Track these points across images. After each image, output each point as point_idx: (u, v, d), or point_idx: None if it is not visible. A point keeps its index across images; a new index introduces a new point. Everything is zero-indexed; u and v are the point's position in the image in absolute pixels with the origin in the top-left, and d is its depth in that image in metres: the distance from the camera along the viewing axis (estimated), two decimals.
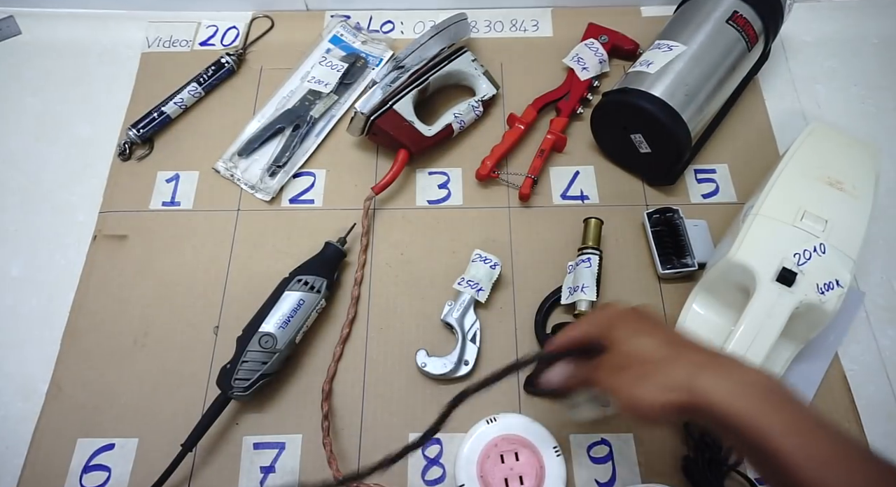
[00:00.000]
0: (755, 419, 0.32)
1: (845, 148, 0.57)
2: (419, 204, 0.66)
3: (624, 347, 0.38)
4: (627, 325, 0.39)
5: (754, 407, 0.32)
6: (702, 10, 0.64)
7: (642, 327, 0.39)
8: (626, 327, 0.39)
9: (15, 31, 0.78)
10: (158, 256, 0.63)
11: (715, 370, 0.34)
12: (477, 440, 0.52)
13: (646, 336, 0.38)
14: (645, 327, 0.39)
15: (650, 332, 0.38)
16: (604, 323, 0.40)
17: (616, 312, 0.41)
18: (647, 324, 0.39)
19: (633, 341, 0.38)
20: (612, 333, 0.39)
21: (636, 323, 0.39)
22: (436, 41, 0.68)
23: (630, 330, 0.39)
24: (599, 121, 0.66)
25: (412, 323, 0.60)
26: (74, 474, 0.54)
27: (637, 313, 0.41)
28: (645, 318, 0.40)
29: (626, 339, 0.38)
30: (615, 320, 0.40)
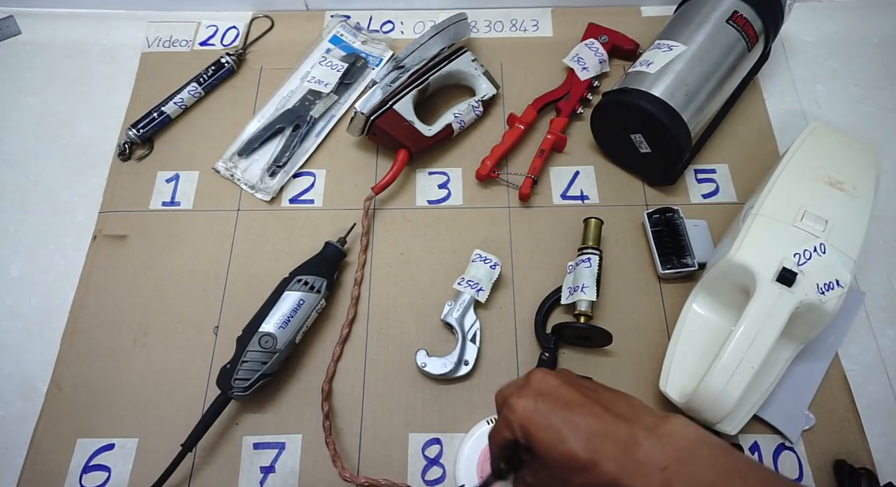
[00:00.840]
0: None
1: (845, 148, 0.57)
2: (419, 204, 0.66)
3: (554, 458, 0.36)
4: (537, 426, 0.37)
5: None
6: (702, 10, 0.64)
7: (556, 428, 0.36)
8: (542, 431, 0.37)
9: (15, 31, 0.78)
10: (158, 256, 0.63)
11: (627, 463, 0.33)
12: (477, 440, 0.52)
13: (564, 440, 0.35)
14: (558, 427, 0.36)
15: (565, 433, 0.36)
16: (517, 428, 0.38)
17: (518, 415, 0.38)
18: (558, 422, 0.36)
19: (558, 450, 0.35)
20: (528, 436, 0.37)
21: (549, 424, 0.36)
22: (436, 41, 0.68)
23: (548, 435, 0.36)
24: (599, 121, 0.66)
25: (412, 323, 0.60)
26: (74, 474, 0.54)
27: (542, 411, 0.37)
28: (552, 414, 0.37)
29: (552, 449, 0.36)
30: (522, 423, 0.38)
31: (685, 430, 0.34)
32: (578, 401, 0.37)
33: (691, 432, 0.34)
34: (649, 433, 0.34)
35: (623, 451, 0.34)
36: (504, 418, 0.39)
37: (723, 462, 0.33)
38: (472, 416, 0.54)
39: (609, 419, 0.36)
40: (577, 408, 0.37)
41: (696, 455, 0.33)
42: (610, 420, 0.36)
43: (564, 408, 0.37)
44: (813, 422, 0.54)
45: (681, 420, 0.35)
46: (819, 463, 0.53)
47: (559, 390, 0.38)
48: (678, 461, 0.33)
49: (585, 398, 0.37)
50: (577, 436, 0.35)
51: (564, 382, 0.39)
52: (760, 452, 0.54)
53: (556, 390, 0.38)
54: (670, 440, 0.34)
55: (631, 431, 0.35)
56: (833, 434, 0.54)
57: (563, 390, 0.38)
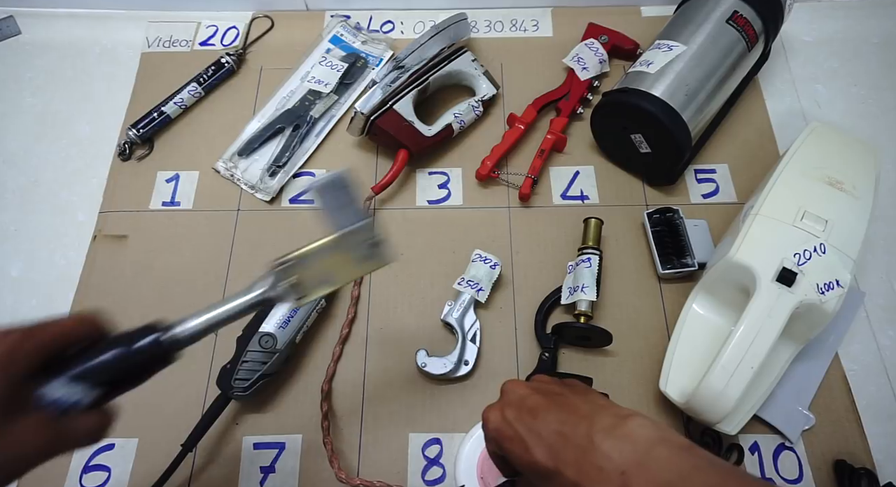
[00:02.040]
0: None
1: (845, 148, 0.57)
2: (419, 204, 0.66)
3: (525, 469, 0.36)
4: (511, 440, 0.37)
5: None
6: (702, 10, 0.64)
7: (521, 438, 0.36)
8: (511, 443, 0.37)
9: (15, 31, 0.78)
10: (158, 256, 0.63)
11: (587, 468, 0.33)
12: (477, 440, 0.52)
13: (529, 450, 0.36)
14: (522, 436, 0.36)
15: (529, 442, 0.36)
16: (492, 441, 0.39)
17: (490, 428, 0.39)
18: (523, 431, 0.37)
19: (525, 461, 0.36)
20: (501, 447, 0.38)
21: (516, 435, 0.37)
22: (436, 41, 0.68)
23: (516, 446, 0.37)
24: (599, 121, 0.66)
25: (412, 323, 0.60)
26: (74, 474, 0.54)
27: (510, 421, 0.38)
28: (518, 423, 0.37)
29: (521, 460, 0.36)
30: (494, 436, 0.38)
31: (642, 431, 0.33)
32: (543, 407, 0.37)
33: (649, 432, 0.33)
34: (607, 434, 0.34)
35: (582, 456, 0.33)
36: (485, 432, 0.40)
37: (681, 462, 0.32)
38: (472, 416, 0.54)
39: (570, 422, 0.35)
40: (541, 414, 0.37)
41: (653, 456, 0.32)
42: (571, 424, 0.35)
43: (529, 416, 0.37)
44: (813, 422, 0.54)
45: (639, 419, 0.34)
46: (819, 463, 0.53)
47: (526, 399, 0.38)
48: (636, 463, 0.32)
49: (550, 403, 0.37)
50: (539, 444, 0.35)
51: (533, 391, 0.39)
52: (760, 452, 0.54)
53: (522, 399, 0.38)
54: (627, 441, 0.33)
55: (590, 433, 0.34)
56: (833, 434, 0.54)
57: (530, 399, 0.38)
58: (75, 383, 0.33)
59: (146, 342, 0.35)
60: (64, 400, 0.33)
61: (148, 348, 0.35)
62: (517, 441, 0.36)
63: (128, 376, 0.36)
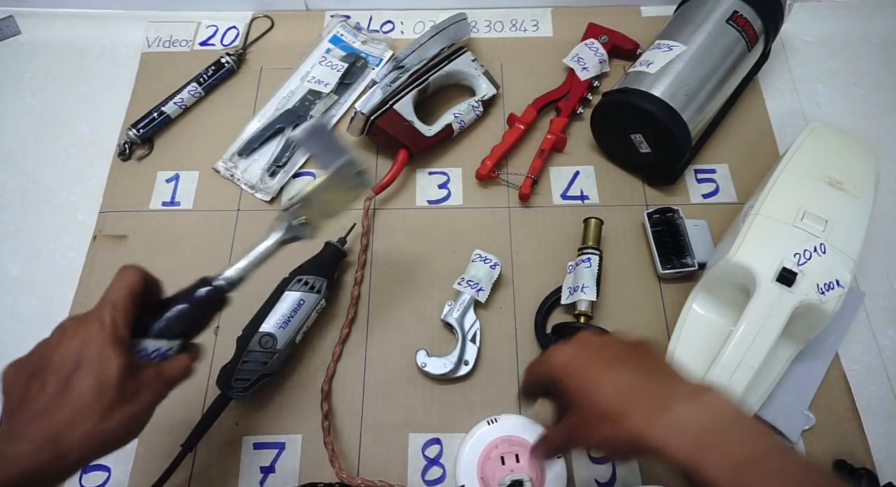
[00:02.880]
0: (695, 464, 0.33)
1: (845, 148, 0.57)
2: (419, 204, 0.66)
3: (583, 405, 0.38)
4: (578, 376, 0.39)
5: (693, 454, 0.33)
6: (702, 10, 0.64)
7: (590, 378, 0.39)
8: (576, 378, 0.39)
9: (15, 31, 0.78)
10: (158, 256, 0.63)
11: (658, 420, 0.35)
12: (477, 440, 0.52)
13: (596, 389, 0.38)
14: (593, 376, 0.39)
15: (599, 383, 0.38)
16: (552, 371, 0.41)
17: (556, 361, 0.41)
18: (594, 372, 0.39)
19: (588, 399, 0.38)
20: (562, 380, 0.40)
21: (585, 374, 0.39)
22: (436, 41, 0.68)
23: (581, 382, 0.39)
24: (599, 121, 0.66)
25: (412, 323, 0.60)
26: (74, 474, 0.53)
27: (579, 360, 0.40)
28: (590, 364, 0.39)
29: (582, 396, 0.38)
30: (558, 369, 0.40)
31: (722, 405, 0.35)
32: (619, 361, 0.39)
33: (729, 407, 0.35)
34: (688, 398, 0.35)
35: (656, 409, 0.35)
36: (542, 362, 0.42)
37: (756, 442, 0.33)
38: (472, 416, 0.54)
39: (646, 380, 0.37)
40: (615, 365, 0.39)
41: (733, 429, 0.34)
42: (646, 381, 0.37)
43: (602, 363, 0.39)
44: (813, 422, 0.54)
45: (719, 394, 0.35)
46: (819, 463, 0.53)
47: (603, 350, 0.40)
48: (715, 430, 0.33)
49: (629, 358, 0.39)
50: (610, 387, 0.37)
51: (609, 343, 0.41)
52: None
53: (599, 349, 0.41)
54: (710, 409, 0.34)
55: (668, 393, 0.36)
56: (833, 434, 0.54)
57: (606, 351, 0.40)
58: (161, 337, 0.40)
59: (204, 292, 0.43)
60: (161, 351, 0.40)
61: (206, 296, 0.43)
62: (584, 379, 0.39)
63: (198, 322, 0.43)
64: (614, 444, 0.36)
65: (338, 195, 0.49)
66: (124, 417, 0.36)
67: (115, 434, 0.36)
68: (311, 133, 0.48)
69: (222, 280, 0.44)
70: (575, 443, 0.42)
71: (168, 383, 0.40)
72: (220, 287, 0.43)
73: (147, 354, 0.39)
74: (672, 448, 0.33)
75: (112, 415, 0.35)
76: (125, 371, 0.36)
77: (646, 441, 0.34)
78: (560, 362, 0.40)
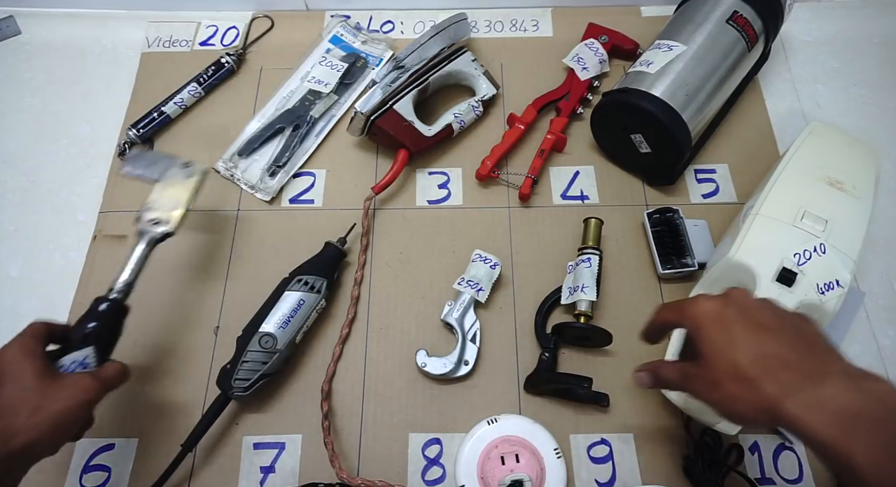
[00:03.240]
0: (837, 446, 0.32)
1: (845, 148, 0.58)
2: (419, 204, 0.66)
3: (716, 361, 0.37)
4: (718, 330, 0.38)
5: (837, 435, 0.32)
6: (702, 10, 0.64)
7: (733, 336, 0.37)
8: (716, 332, 0.38)
9: (15, 31, 0.78)
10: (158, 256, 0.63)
11: (801, 393, 0.34)
12: (477, 441, 0.52)
13: (736, 348, 0.37)
14: (736, 335, 0.37)
15: (741, 343, 0.37)
16: (689, 319, 0.39)
17: (698, 311, 0.39)
18: (738, 331, 0.37)
19: (724, 355, 0.37)
20: (698, 330, 0.39)
21: (725, 331, 0.38)
22: (436, 41, 0.68)
23: (721, 337, 0.37)
24: (599, 121, 0.66)
25: (412, 323, 0.60)
26: (74, 474, 0.53)
27: (726, 316, 0.38)
28: (736, 323, 0.38)
29: (718, 351, 0.37)
30: (698, 318, 0.39)
31: (882, 392, 0.33)
32: (771, 326, 0.37)
33: (889, 395, 0.33)
34: (844, 379, 0.34)
35: (800, 382, 0.34)
36: (681, 308, 0.40)
37: None
38: (472, 416, 0.54)
39: (794, 352, 0.36)
40: (762, 331, 0.37)
41: (887, 418, 0.32)
42: (794, 353, 0.36)
43: (748, 324, 0.37)
44: None
45: (882, 381, 0.34)
46: (819, 463, 0.53)
47: (755, 311, 0.38)
48: (874, 418, 0.32)
49: (779, 326, 0.37)
50: (750, 350, 0.36)
51: (762, 307, 0.39)
52: (760, 452, 0.54)
53: (751, 309, 0.38)
54: (869, 395, 0.33)
55: (820, 370, 0.35)
56: None
57: (759, 312, 0.38)
58: (78, 350, 0.46)
59: (105, 307, 0.49)
60: (79, 360, 0.46)
61: (108, 310, 0.49)
62: (724, 336, 0.37)
63: (110, 333, 0.49)
64: (737, 407, 0.36)
65: (176, 189, 0.56)
66: (50, 414, 0.41)
67: (46, 429, 0.41)
68: (132, 161, 0.58)
69: (115, 293, 0.50)
70: (688, 391, 0.40)
71: (105, 383, 0.45)
72: (116, 299, 0.50)
73: (66, 368, 0.45)
74: (809, 424, 0.32)
75: (38, 413, 0.41)
76: (40, 376, 0.42)
77: (779, 411, 0.34)
78: (702, 313, 0.39)
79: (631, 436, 0.55)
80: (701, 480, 0.51)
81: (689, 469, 0.52)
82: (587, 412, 0.55)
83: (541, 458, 0.51)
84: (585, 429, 0.55)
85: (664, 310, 0.43)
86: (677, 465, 0.53)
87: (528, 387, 0.56)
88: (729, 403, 0.36)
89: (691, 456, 0.53)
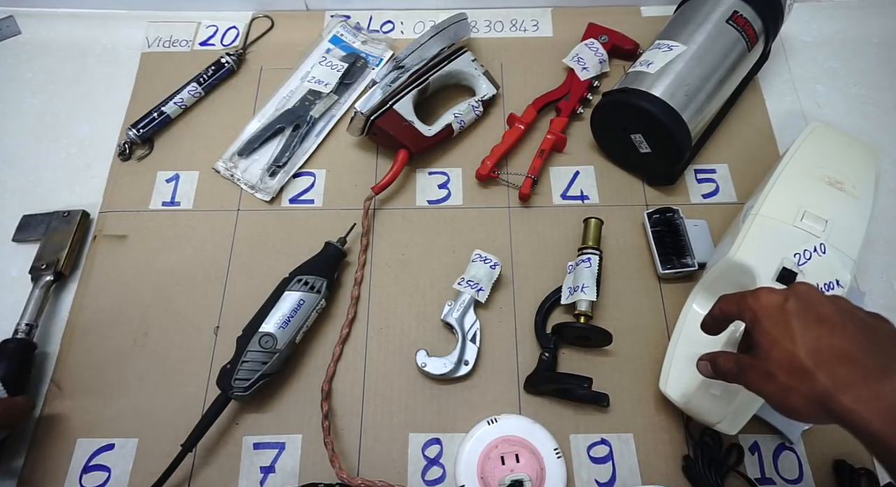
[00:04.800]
0: (892, 441, 0.32)
1: (845, 148, 0.57)
2: (419, 204, 0.66)
3: (772, 353, 0.37)
4: (776, 322, 0.38)
5: (892, 430, 0.32)
6: (702, 10, 0.64)
7: (791, 328, 0.37)
8: (774, 324, 0.38)
9: (15, 31, 0.78)
10: (158, 256, 0.63)
11: (858, 387, 0.34)
12: (477, 441, 0.52)
13: (793, 340, 0.37)
14: (794, 327, 0.37)
15: (798, 336, 0.37)
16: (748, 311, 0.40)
17: (758, 304, 0.39)
18: (797, 324, 0.37)
19: (780, 346, 0.37)
20: (756, 323, 0.39)
21: (784, 324, 0.38)
22: (436, 41, 0.68)
23: (778, 329, 0.37)
24: (599, 121, 0.66)
25: (412, 323, 0.60)
26: (74, 474, 0.54)
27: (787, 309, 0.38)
28: (796, 316, 0.38)
29: (774, 342, 0.37)
30: (757, 312, 0.39)
31: None
32: (833, 321, 0.37)
33: None
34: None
35: (860, 377, 0.34)
36: (742, 299, 0.40)
37: None
38: (472, 416, 0.54)
39: (858, 348, 0.35)
40: (824, 326, 0.37)
41: None
42: (858, 349, 0.35)
43: (815, 320, 0.37)
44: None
45: None
46: (819, 463, 0.53)
47: (819, 306, 0.38)
48: None
49: (847, 322, 0.37)
50: (807, 343, 0.36)
51: (829, 301, 0.38)
52: (761, 452, 0.54)
53: (814, 303, 0.38)
54: None
55: (886, 366, 0.34)
56: (833, 434, 0.54)
57: (824, 307, 0.38)
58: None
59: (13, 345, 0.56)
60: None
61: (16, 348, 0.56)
62: (784, 328, 0.37)
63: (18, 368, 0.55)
64: (790, 400, 0.36)
65: (60, 235, 0.62)
66: None
67: None
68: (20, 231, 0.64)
69: (21, 333, 0.56)
70: (742, 382, 0.40)
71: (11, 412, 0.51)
72: (23, 339, 0.56)
73: None
74: (864, 418, 0.33)
75: None
76: None
77: (833, 404, 0.34)
78: (762, 305, 0.39)
79: (631, 436, 0.55)
80: (701, 480, 0.51)
81: (689, 469, 0.52)
82: (587, 412, 0.56)
83: (541, 458, 0.51)
84: (585, 429, 0.55)
85: (724, 302, 0.42)
86: (677, 465, 0.53)
87: (528, 387, 0.56)
88: (782, 395, 0.36)
89: (691, 456, 0.53)
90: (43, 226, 0.64)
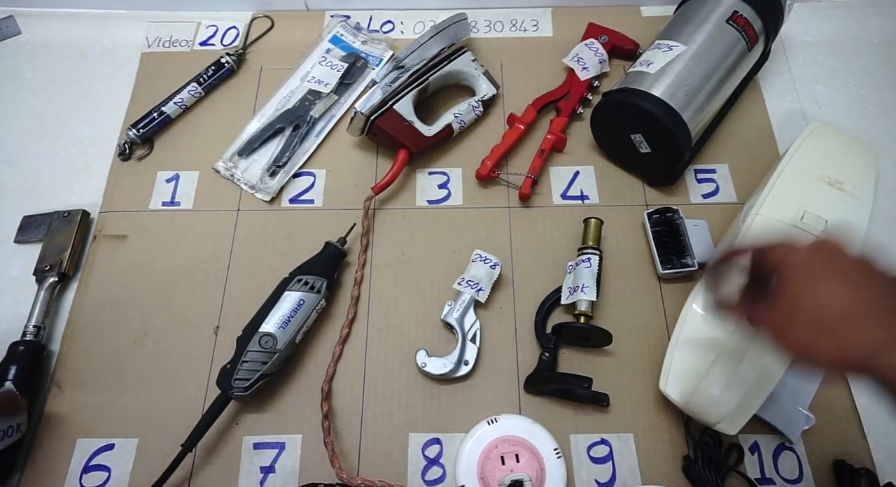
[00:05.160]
0: None
1: (845, 148, 0.57)
2: (419, 204, 0.66)
3: (800, 290, 0.35)
4: (805, 273, 0.35)
5: None
6: (702, 10, 0.64)
7: (813, 277, 0.35)
8: (803, 274, 0.35)
9: (15, 31, 0.78)
10: (158, 256, 0.63)
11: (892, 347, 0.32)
12: (477, 441, 0.52)
13: (830, 283, 0.35)
14: (824, 283, 0.35)
15: (827, 292, 0.35)
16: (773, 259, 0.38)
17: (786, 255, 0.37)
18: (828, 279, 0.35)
19: (814, 287, 0.35)
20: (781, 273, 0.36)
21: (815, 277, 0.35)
22: (436, 41, 0.68)
23: (800, 277, 0.35)
24: (599, 121, 0.66)
25: (412, 323, 0.60)
26: (74, 474, 0.54)
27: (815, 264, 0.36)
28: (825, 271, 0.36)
29: (806, 283, 0.35)
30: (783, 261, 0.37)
31: None
32: (865, 282, 0.35)
33: None
34: None
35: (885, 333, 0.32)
36: (768, 248, 0.39)
37: None
38: (472, 416, 0.54)
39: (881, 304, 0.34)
40: (856, 287, 0.35)
41: None
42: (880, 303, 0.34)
43: (842, 276, 0.35)
44: (813, 422, 0.54)
45: None
46: (819, 463, 0.53)
47: (851, 266, 0.36)
48: None
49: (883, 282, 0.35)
50: (836, 300, 0.34)
51: (861, 265, 0.36)
52: (760, 452, 0.54)
53: (845, 263, 0.36)
54: None
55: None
56: (833, 434, 0.54)
57: (855, 268, 0.36)
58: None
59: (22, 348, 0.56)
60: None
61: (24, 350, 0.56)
62: (811, 282, 0.35)
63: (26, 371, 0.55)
64: (812, 352, 0.34)
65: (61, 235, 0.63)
66: None
67: None
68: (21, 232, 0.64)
69: (29, 335, 0.57)
70: (756, 331, 0.38)
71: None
72: (32, 341, 0.57)
73: None
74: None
75: None
76: None
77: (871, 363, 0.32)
78: (789, 257, 0.36)
79: (631, 436, 0.55)
80: (701, 480, 0.51)
81: (689, 469, 0.52)
82: (587, 412, 0.56)
83: (541, 458, 0.51)
84: (585, 429, 0.55)
85: (737, 246, 0.40)
86: (677, 465, 0.53)
87: (528, 387, 0.56)
88: (802, 347, 0.35)
89: (691, 456, 0.53)
90: (44, 227, 0.64)
